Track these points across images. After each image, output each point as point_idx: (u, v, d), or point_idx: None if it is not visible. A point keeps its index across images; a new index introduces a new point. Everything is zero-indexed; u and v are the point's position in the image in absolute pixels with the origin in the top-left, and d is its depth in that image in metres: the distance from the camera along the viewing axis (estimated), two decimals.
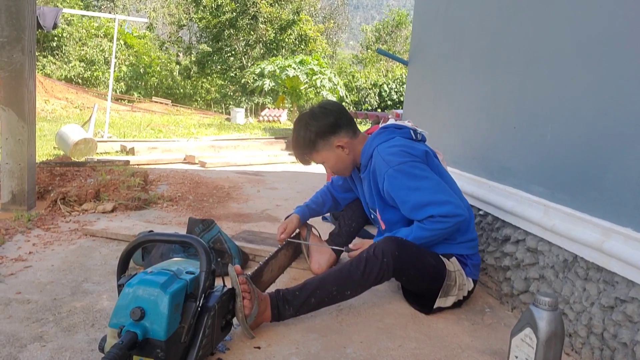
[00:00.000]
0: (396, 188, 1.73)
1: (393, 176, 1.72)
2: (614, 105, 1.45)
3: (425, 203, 1.68)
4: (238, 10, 24.65)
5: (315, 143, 1.86)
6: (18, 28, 2.85)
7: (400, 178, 1.71)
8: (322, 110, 1.89)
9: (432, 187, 1.70)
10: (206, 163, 5.74)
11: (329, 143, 1.86)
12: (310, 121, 1.87)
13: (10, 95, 2.88)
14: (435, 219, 1.68)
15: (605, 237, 1.42)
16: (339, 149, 1.88)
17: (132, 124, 12.00)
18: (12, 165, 2.92)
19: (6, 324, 1.53)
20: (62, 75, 20.99)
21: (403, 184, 1.71)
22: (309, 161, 1.95)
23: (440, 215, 1.67)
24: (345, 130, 1.88)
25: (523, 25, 2.00)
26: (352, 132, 1.90)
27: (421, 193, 1.69)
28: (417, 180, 1.70)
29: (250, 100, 24.44)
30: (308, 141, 1.87)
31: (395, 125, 1.91)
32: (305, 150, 1.90)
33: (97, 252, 2.31)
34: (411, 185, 1.70)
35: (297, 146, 1.92)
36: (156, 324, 1.17)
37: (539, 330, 1.25)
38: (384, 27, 34.11)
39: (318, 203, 2.26)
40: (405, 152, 1.75)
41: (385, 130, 1.88)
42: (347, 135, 1.88)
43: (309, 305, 1.61)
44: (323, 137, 1.86)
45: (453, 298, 1.78)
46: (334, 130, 1.86)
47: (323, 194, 2.28)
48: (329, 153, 1.89)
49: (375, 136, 1.87)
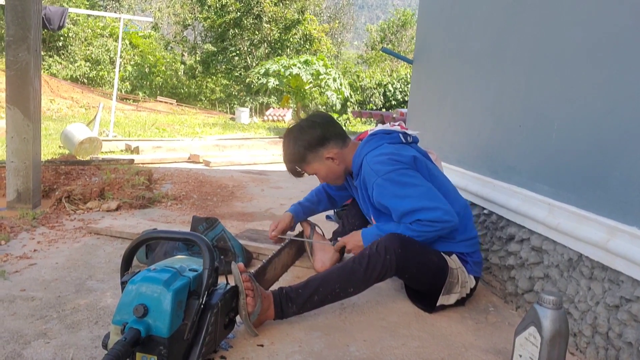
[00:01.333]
0: (386, 197, 1.74)
1: (382, 185, 1.74)
2: (620, 103, 1.44)
3: (414, 209, 1.69)
4: (242, 9, 24.67)
5: (305, 156, 1.90)
6: (24, 27, 2.86)
7: (389, 187, 1.72)
8: (310, 123, 1.93)
9: (421, 194, 1.71)
10: (210, 162, 5.75)
11: (318, 155, 1.90)
12: (298, 135, 1.90)
13: (16, 93, 2.90)
14: (423, 223, 1.68)
15: (611, 235, 1.41)
16: (328, 160, 1.91)
17: (136, 123, 12.04)
18: (18, 163, 2.94)
19: (10, 321, 1.54)
20: (67, 75, 21.07)
21: (392, 192, 1.72)
22: (300, 173, 1.99)
23: (429, 220, 1.67)
24: (334, 142, 1.90)
25: (529, 23, 1.99)
26: (342, 142, 1.93)
27: (410, 200, 1.70)
28: (405, 188, 1.71)
29: (254, 100, 24.47)
30: (297, 155, 1.91)
31: (384, 131, 1.93)
32: (295, 164, 1.95)
33: (102, 250, 2.31)
34: (400, 193, 1.71)
35: (287, 160, 1.96)
36: (159, 321, 1.17)
37: (543, 329, 1.24)
38: (389, 27, 34.03)
39: (312, 201, 2.29)
40: (393, 160, 1.76)
41: (374, 137, 1.90)
42: (337, 146, 1.91)
43: (312, 303, 1.61)
44: (312, 150, 1.89)
45: (456, 295, 1.77)
46: (322, 142, 1.89)
47: (318, 192, 2.31)
48: (320, 165, 1.92)
49: (364, 144, 1.89)
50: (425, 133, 3.19)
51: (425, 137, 3.15)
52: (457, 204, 1.83)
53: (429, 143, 3.05)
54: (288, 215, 2.21)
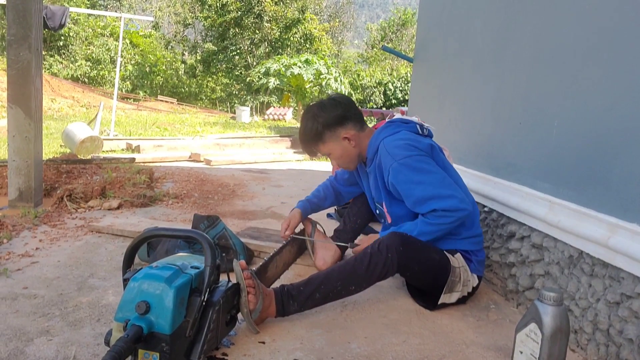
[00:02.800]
0: (401, 182, 1.73)
1: (398, 170, 1.73)
2: (620, 100, 1.44)
3: (428, 197, 1.68)
4: (243, 9, 24.65)
5: (322, 134, 1.88)
6: (25, 26, 2.86)
7: (405, 172, 1.72)
8: (331, 102, 1.91)
9: (437, 181, 1.70)
10: (211, 161, 5.75)
11: (335, 134, 1.87)
12: (318, 112, 1.88)
13: (17, 92, 2.90)
14: (439, 213, 1.68)
15: (611, 233, 1.41)
16: (345, 140, 1.88)
17: (137, 122, 12.04)
18: (19, 162, 2.94)
19: (13, 319, 1.55)
20: (68, 74, 21.08)
21: (407, 178, 1.72)
22: (315, 152, 1.96)
23: (444, 209, 1.67)
24: (352, 123, 1.89)
25: (529, 20, 1.99)
26: (360, 125, 1.91)
27: (425, 187, 1.69)
28: (421, 174, 1.70)
29: (255, 99, 24.46)
30: (315, 132, 1.88)
31: (401, 120, 1.92)
32: (312, 141, 1.91)
33: (103, 248, 2.32)
34: (415, 179, 1.71)
35: (304, 137, 1.93)
36: (161, 318, 1.18)
37: (543, 326, 1.25)
38: (389, 26, 33.97)
39: (319, 197, 2.26)
40: (411, 145, 1.75)
41: (392, 124, 1.88)
42: (355, 128, 1.89)
43: (314, 301, 1.61)
44: (330, 128, 1.87)
45: (457, 294, 1.77)
46: (341, 122, 1.87)
47: (325, 187, 2.28)
48: (335, 145, 1.89)
49: (381, 130, 1.88)
50: None
51: None
52: (468, 199, 1.83)
53: None
54: (297, 212, 2.20)
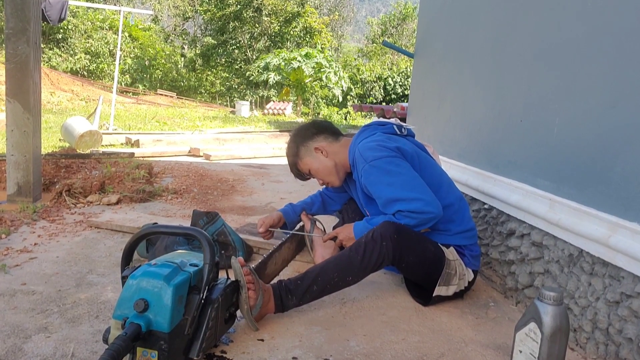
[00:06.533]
0: (371, 183, 1.76)
1: (368, 171, 1.75)
2: (622, 98, 1.43)
3: (395, 198, 1.70)
4: (242, 2, 24.57)
5: (298, 151, 2.00)
6: (23, 19, 2.84)
7: (375, 173, 1.74)
8: (307, 124, 2.08)
9: (404, 183, 1.71)
10: (211, 156, 5.74)
11: (308, 148, 1.99)
12: (295, 134, 2.04)
13: (16, 86, 2.89)
14: (404, 214, 1.69)
15: (612, 231, 1.40)
16: (317, 152, 1.97)
17: (137, 116, 12.02)
18: (18, 156, 2.93)
19: (11, 315, 1.54)
20: (67, 68, 21.03)
21: (377, 180, 1.74)
22: (301, 174, 2.08)
23: (409, 210, 1.68)
24: (324, 135, 2.00)
25: (531, 16, 1.98)
26: (333, 137, 2.02)
27: (393, 189, 1.71)
28: (390, 176, 1.72)
29: (255, 94, 24.43)
30: (293, 152, 2.02)
31: (378, 122, 1.97)
32: (293, 162, 2.06)
33: (102, 244, 2.31)
34: (384, 180, 1.72)
35: (288, 160, 2.07)
36: (160, 315, 1.17)
37: (543, 325, 1.24)
38: (390, 20, 33.87)
39: (306, 202, 2.34)
40: (382, 146, 1.77)
41: (368, 128, 1.94)
42: (326, 140, 1.99)
43: (312, 293, 1.61)
44: (303, 143, 1.99)
45: (454, 287, 1.77)
46: (312, 136, 1.99)
47: (314, 197, 2.36)
48: (311, 159, 1.99)
49: (358, 135, 1.94)
50: (426, 127, 3.19)
51: (425, 131, 3.15)
52: (452, 195, 1.83)
53: (429, 137, 3.04)
54: (277, 214, 2.26)
